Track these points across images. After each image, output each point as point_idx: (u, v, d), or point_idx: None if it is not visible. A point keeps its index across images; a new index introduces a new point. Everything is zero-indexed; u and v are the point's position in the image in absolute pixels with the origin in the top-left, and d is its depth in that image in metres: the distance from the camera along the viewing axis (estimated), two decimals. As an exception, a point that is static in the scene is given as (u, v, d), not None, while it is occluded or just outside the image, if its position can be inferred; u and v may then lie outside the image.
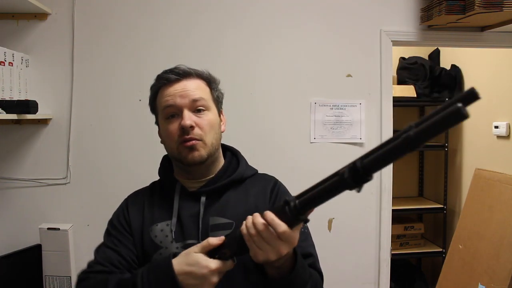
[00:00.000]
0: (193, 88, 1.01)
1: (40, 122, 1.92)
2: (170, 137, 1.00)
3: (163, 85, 1.02)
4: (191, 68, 1.04)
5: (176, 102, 0.98)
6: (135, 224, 1.02)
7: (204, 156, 0.99)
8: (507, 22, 1.95)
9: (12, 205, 1.93)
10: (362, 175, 0.61)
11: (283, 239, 0.71)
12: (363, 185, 0.62)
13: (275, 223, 0.70)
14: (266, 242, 0.71)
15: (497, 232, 2.32)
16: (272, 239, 0.71)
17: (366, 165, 0.61)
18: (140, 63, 1.96)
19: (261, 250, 0.72)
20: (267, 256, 0.73)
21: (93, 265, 0.95)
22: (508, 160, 2.57)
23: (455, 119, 0.52)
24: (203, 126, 0.99)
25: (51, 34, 1.93)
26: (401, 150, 0.57)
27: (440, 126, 0.53)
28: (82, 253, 1.91)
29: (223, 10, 2.01)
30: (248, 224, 0.74)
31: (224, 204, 1.01)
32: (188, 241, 0.97)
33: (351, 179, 0.62)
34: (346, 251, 2.08)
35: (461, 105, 0.51)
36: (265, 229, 0.71)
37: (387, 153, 0.59)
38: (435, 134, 0.54)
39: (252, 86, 2.03)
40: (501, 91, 2.66)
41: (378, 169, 0.61)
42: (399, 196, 3.29)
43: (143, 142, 1.95)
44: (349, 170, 0.62)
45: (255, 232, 0.72)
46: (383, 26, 2.09)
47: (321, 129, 2.07)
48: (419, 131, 0.55)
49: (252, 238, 0.73)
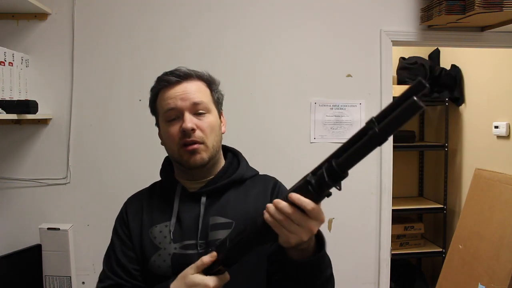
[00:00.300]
0: (194, 90, 1.00)
1: (40, 122, 1.92)
2: (171, 139, 0.99)
3: (164, 87, 1.01)
4: (191, 70, 1.04)
5: (177, 105, 0.98)
6: (134, 228, 1.03)
7: (205, 159, 0.99)
8: (507, 22, 1.96)
9: (12, 205, 1.93)
10: (339, 173, 0.65)
11: (312, 217, 0.70)
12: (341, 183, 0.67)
13: (303, 202, 0.69)
14: (296, 223, 0.70)
15: (497, 232, 2.32)
16: (302, 219, 0.70)
17: (341, 164, 0.65)
18: (140, 63, 1.96)
19: (293, 233, 0.71)
20: (300, 238, 0.71)
21: (103, 280, 1.01)
22: (508, 160, 2.57)
23: (413, 111, 0.57)
24: (204, 128, 0.99)
25: (51, 34, 1.93)
26: (370, 146, 0.62)
27: (401, 120, 0.58)
28: (82, 253, 1.91)
29: (223, 10, 2.02)
30: (271, 211, 0.72)
31: (224, 204, 1.01)
32: (186, 242, 0.98)
33: (331, 180, 0.66)
34: (346, 251, 2.08)
35: (416, 98, 0.56)
36: (294, 211, 0.70)
37: (358, 151, 0.63)
38: (397, 128, 0.59)
39: (252, 86, 2.03)
40: (501, 91, 2.66)
41: (352, 166, 0.65)
42: (399, 196, 3.29)
43: (143, 142, 1.95)
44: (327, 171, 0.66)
45: (284, 217, 0.70)
46: (383, 26, 2.09)
47: (321, 129, 2.07)
48: (383, 127, 0.59)
49: (281, 223, 0.71)
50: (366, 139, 0.61)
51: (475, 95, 3.00)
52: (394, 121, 0.58)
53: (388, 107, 0.60)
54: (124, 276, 1.00)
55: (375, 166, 2.11)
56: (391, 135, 0.60)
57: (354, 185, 2.06)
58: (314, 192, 0.69)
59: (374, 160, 2.10)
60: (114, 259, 1.02)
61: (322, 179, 0.67)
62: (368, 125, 0.62)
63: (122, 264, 1.01)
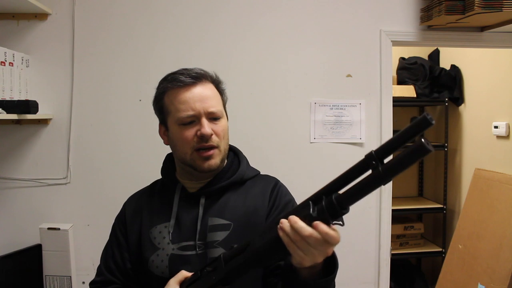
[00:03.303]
0: (210, 95, 1.00)
1: (40, 122, 1.92)
2: (185, 143, 0.99)
3: (177, 87, 1.00)
4: (203, 70, 1.04)
5: (196, 110, 0.97)
6: (132, 228, 1.05)
7: (218, 163, 1.01)
8: (506, 22, 1.96)
9: (12, 205, 1.93)
10: (340, 210, 0.64)
11: (331, 243, 0.67)
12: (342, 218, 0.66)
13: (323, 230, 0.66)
14: (313, 247, 0.67)
15: (497, 232, 2.32)
16: (320, 243, 0.66)
17: (342, 201, 0.64)
18: (140, 63, 1.96)
19: (308, 255, 0.68)
20: (315, 260, 0.69)
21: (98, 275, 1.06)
22: (508, 160, 2.58)
23: (420, 155, 0.55)
24: (219, 133, 1.00)
25: (51, 34, 1.93)
26: (373, 186, 0.60)
27: (406, 163, 0.56)
28: (82, 253, 1.91)
29: (223, 11, 2.02)
30: (287, 230, 0.67)
31: (223, 205, 1.02)
32: (184, 243, 0.98)
33: (331, 217, 0.64)
34: (346, 251, 2.08)
35: (424, 141, 0.53)
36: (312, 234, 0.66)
37: (360, 190, 0.61)
38: (402, 170, 0.57)
39: (252, 86, 2.03)
40: (501, 91, 2.66)
41: (352, 204, 0.63)
42: (399, 196, 3.29)
43: (143, 142, 1.95)
44: (327, 207, 0.64)
45: (300, 238, 0.66)
46: (383, 26, 2.09)
47: (321, 129, 2.08)
48: (387, 169, 0.57)
49: (297, 244, 0.67)
50: (369, 179, 0.60)
51: (475, 95, 3.00)
52: (399, 164, 0.56)
53: (390, 141, 0.58)
54: (117, 273, 1.03)
55: (375, 166, 2.11)
56: (394, 177, 0.58)
57: (354, 185, 2.06)
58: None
59: (374, 160, 2.10)
60: (110, 256, 1.05)
61: (323, 215, 0.65)
62: (368, 160, 0.59)
63: (116, 262, 1.04)
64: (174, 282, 0.86)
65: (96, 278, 1.06)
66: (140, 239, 1.02)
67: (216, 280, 0.79)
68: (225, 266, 0.78)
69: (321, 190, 0.67)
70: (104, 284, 1.04)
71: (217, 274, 0.79)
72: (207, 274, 0.81)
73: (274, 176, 1.12)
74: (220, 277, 0.78)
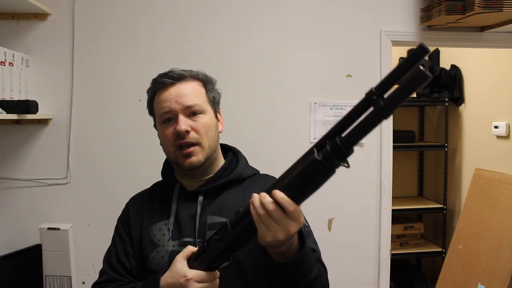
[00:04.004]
0: (188, 92, 1.01)
1: (40, 122, 1.92)
2: (167, 141, 1.01)
3: (159, 89, 1.03)
4: (185, 70, 1.05)
5: (172, 107, 0.99)
6: (134, 226, 1.06)
7: (201, 160, 1.00)
8: (506, 22, 1.96)
9: (12, 205, 1.93)
10: (345, 151, 0.63)
11: (292, 218, 0.70)
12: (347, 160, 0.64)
13: (286, 202, 0.69)
14: (275, 222, 0.70)
15: (497, 232, 2.32)
16: (282, 218, 0.69)
17: (346, 141, 0.63)
18: (140, 63, 1.96)
19: (270, 230, 0.70)
20: (276, 236, 0.71)
21: (101, 275, 1.06)
22: (508, 160, 2.58)
23: (419, 81, 0.54)
24: (199, 129, 1.00)
25: (51, 34, 1.93)
26: (375, 121, 0.60)
27: (407, 92, 0.55)
28: (82, 253, 1.91)
29: (223, 11, 2.02)
30: (256, 204, 0.71)
31: (221, 203, 1.02)
32: (184, 239, 0.99)
33: (337, 158, 0.63)
34: (346, 251, 2.08)
35: (422, 67, 0.53)
36: (275, 209, 0.69)
37: (363, 126, 0.61)
38: (403, 101, 0.56)
39: (252, 86, 2.03)
40: (501, 91, 2.66)
41: (357, 143, 0.63)
42: (399, 196, 3.29)
43: (143, 142, 1.95)
44: (332, 149, 0.63)
45: (264, 212, 0.70)
46: (383, 26, 2.09)
47: (321, 129, 2.07)
48: (388, 101, 0.57)
49: (260, 218, 0.70)
50: (371, 114, 0.59)
51: (475, 95, 3.00)
52: (400, 94, 0.56)
53: (387, 76, 0.58)
54: (121, 271, 1.03)
55: (375, 166, 2.11)
56: (396, 108, 0.58)
57: (354, 185, 2.06)
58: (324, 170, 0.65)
59: (374, 160, 2.10)
60: (114, 255, 1.05)
61: (328, 157, 0.64)
62: (369, 97, 0.59)
63: (120, 260, 1.04)
64: (181, 257, 0.86)
65: (99, 279, 1.05)
66: (141, 237, 1.04)
67: (224, 247, 0.78)
68: (232, 231, 0.77)
69: (324, 137, 0.66)
70: (108, 282, 1.03)
71: (224, 241, 0.78)
72: (214, 243, 0.79)
73: (274, 176, 1.12)
74: (227, 243, 0.77)
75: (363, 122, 0.60)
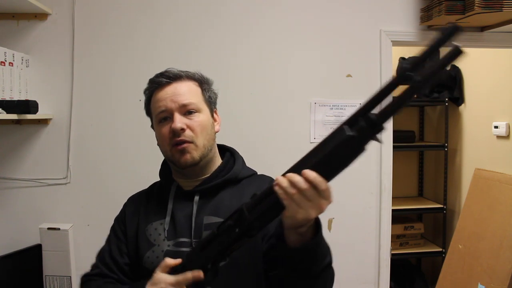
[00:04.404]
0: (184, 91, 1.02)
1: (40, 122, 1.92)
2: (163, 140, 1.02)
3: (155, 89, 1.04)
4: (182, 71, 1.06)
5: (167, 106, 1.00)
6: (130, 225, 1.07)
7: (196, 158, 1.01)
8: (507, 22, 1.96)
9: (12, 205, 1.93)
10: (380, 125, 0.64)
11: (324, 196, 0.70)
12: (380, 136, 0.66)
13: (319, 182, 0.69)
14: (307, 199, 0.70)
15: (497, 232, 2.32)
16: (315, 196, 0.70)
17: (380, 116, 0.64)
18: (140, 63, 1.96)
19: (302, 208, 0.70)
20: (308, 214, 0.71)
21: (92, 269, 1.06)
22: (508, 160, 2.58)
23: (455, 56, 0.57)
24: (194, 128, 1.01)
25: (51, 34, 1.93)
26: (410, 95, 0.61)
27: (442, 65, 0.58)
28: (82, 253, 1.91)
29: (223, 11, 2.02)
30: (284, 184, 0.70)
31: (217, 203, 1.03)
32: (180, 239, 1.00)
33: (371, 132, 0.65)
34: (346, 251, 2.08)
35: (458, 44, 0.56)
36: (308, 188, 0.69)
37: (398, 102, 0.62)
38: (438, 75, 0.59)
39: (252, 86, 2.03)
40: (501, 91, 2.66)
41: (391, 117, 0.64)
42: (399, 196, 3.29)
43: (143, 142, 1.94)
44: (367, 123, 0.64)
45: (296, 191, 0.69)
46: (383, 26, 2.09)
47: (321, 129, 2.08)
48: (425, 75, 0.59)
49: (291, 197, 0.70)
50: (408, 89, 0.60)
51: (475, 95, 3.00)
52: (437, 67, 0.58)
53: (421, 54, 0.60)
54: (113, 267, 1.04)
55: (375, 166, 2.11)
56: (433, 81, 0.59)
57: (354, 185, 2.06)
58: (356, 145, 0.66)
59: (374, 159, 2.10)
60: (107, 251, 1.06)
61: (365, 131, 0.65)
62: (402, 75, 0.61)
63: (113, 257, 1.04)
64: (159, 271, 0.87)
65: (90, 271, 1.06)
66: (137, 236, 1.04)
67: (240, 232, 0.75)
68: (250, 214, 0.74)
69: (355, 114, 0.67)
70: (99, 276, 1.04)
71: (240, 226, 0.74)
72: (228, 229, 0.76)
73: (272, 177, 1.12)
74: (244, 228, 0.74)
75: (399, 98, 0.62)
